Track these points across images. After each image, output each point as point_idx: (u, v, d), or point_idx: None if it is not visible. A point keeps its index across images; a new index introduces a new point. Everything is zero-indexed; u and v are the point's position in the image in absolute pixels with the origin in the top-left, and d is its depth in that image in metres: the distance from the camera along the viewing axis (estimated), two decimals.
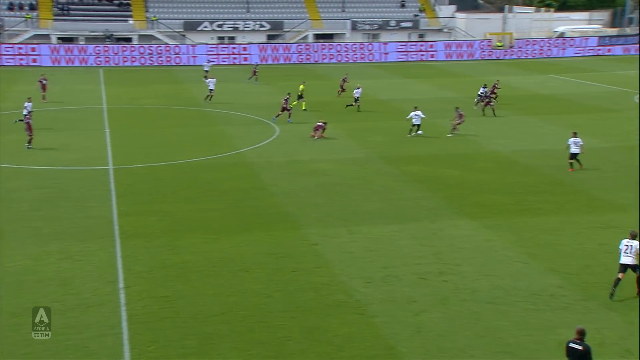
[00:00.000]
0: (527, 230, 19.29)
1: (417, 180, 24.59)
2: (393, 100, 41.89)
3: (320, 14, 77.35)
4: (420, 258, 17.33)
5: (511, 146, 30.13)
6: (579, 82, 52.11)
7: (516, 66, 64.43)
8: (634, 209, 20.96)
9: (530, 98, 43.86)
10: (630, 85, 49.20)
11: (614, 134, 32.19)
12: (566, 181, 24.37)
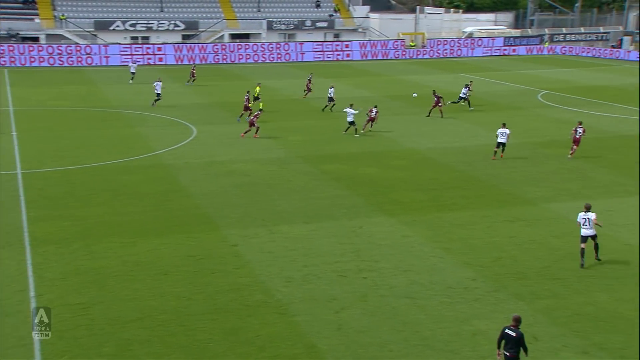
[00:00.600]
0: (442, 225, 19.86)
1: (336, 179, 24.84)
2: (310, 99, 42.11)
3: (236, 14, 76.82)
4: (340, 256, 17.53)
5: (426, 144, 30.94)
6: (487, 81, 54.10)
7: (428, 65, 66.22)
8: (541, 202, 21.98)
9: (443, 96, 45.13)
10: (535, 84, 51.55)
11: (522, 130, 33.61)
12: (478, 177, 25.26)
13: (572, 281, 15.96)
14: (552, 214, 20.92)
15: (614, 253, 17.66)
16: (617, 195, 22.65)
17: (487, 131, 33.68)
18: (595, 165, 26.77)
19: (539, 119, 36.72)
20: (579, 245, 17.11)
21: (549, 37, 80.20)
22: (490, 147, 30.28)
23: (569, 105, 41.16)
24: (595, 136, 32.30)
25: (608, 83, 49.26)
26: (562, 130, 33.70)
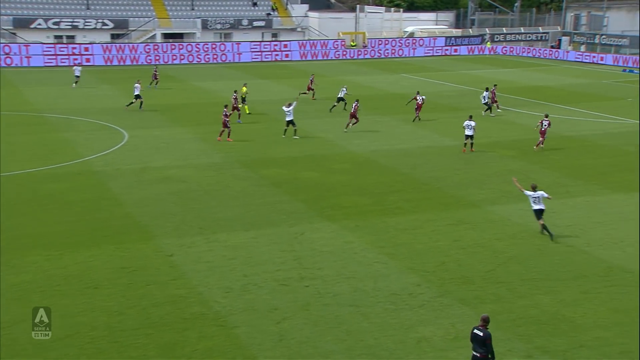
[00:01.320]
0: (385, 230, 20.07)
1: (276, 184, 24.79)
2: (248, 101, 41.92)
3: (168, 12, 75.80)
4: (281, 264, 17.48)
5: (368, 146, 31.24)
6: (430, 82, 55.12)
7: (370, 65, 66.98)
8: (485, 205, 22.49)
9: (384, 97, 45.75)
10: (477, 84, 52.80)
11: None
12: (422, 180, 25.66)
13: (516, 284, 16.39)
14: (496, 216, 21.44)
15: (556, 255, 18.23)
16: (559, 197, 23.39)
17: (430, 133, 34.29)
18: (538, 167, 27.59)
19: (482, 120, 37.60)
20: (537, 223, 19.62)
21: (490, 37, 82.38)
22: (434, 148, 30.85)
23: (510, 106, 42.33)
24: (532, 137, 33.30)
25: (548, 83, 50.96)
26: (504, 131, 34.62)
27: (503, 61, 72.20)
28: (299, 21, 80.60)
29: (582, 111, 40.67)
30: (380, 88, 49.66)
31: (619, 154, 29.88)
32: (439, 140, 32.61)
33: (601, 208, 22.23)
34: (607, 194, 23.89)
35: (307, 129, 34.63)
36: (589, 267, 17.36)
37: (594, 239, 19.35)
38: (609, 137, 33.12)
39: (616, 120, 37.37)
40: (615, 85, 51.00)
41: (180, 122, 36.50)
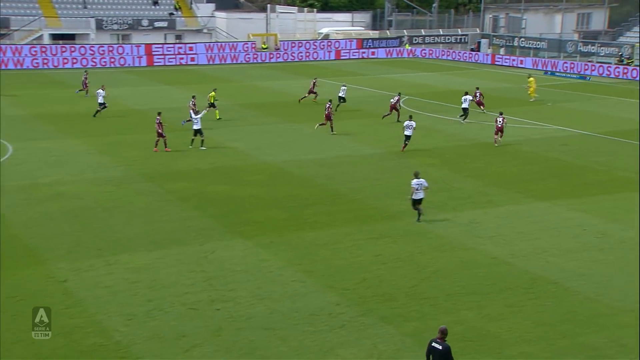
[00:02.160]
0: (303, 246, 20.17)
1: (183, 199, 24.48)
2: (150, 109, 41.24)
3: (57, 11, 73.59)
4: (190, 286, 17.24)
5: (282, 156, 31.35)
6: (347, 87, 55.86)
7: (283, 70, 67.31)
8: (406, 216, 22.98)
9: (299, 104, 46.06)
10: (396, 89, 53.94)
11: (385, 139, 35.04)
12: (341, 191, 25.96)
13: (441, 300, 16.81)
14: (418, 228, 21.94)
15: (479, 267, 18.84)
16: (481, 206, 24.21)
17: (348, 141, 34.76)
18: (459, 175, 28.46)
19: (400, 126, 38.42)
20: (411, 206, 22.58)
21: (409, 39, 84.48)
22: (352, 157, 31.31)
23: (430, 111, 43.52)
24: (458, 144, 34.40)
25: (468, 87, 52.58)
26: (424, 138, 35.52)
27: (422, 64, 74.19)
28: (205, 22, 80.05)
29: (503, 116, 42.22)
30: (294, 94, 49.95)
31: (542, 160, 31.23)
32: (358, 149, 33.10)
33: (524, 217, 23.15)
34: (530, 202, 24.91)
35: (216, 138, 34.41)
36: (514, 279, 18.03)
37: (518, 250, 20.12)
38: (531, 143, 34.57)
39: (537, 126, 39.05)
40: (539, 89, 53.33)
41: (72, 133, 35.47)
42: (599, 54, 69.19)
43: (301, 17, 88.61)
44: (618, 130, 37.93)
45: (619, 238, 21.09)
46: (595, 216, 23.26)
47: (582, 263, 19.16)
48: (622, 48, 66.88)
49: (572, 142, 34.91)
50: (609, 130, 38.10)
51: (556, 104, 47.30)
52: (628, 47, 66.35)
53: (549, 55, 73.73)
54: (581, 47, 71.26)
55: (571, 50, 72.26)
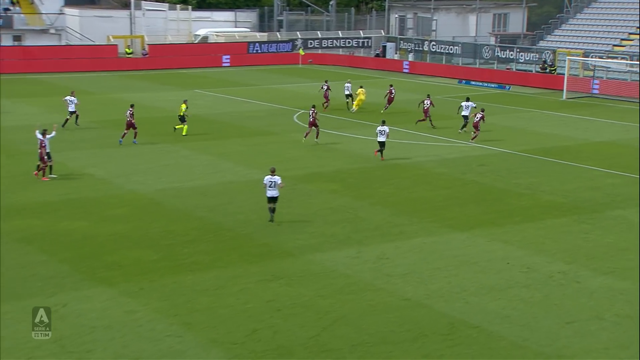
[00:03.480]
0: (180, 292, 19.86)
1: (26, 240, 23.68)
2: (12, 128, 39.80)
3: None
4: (35, 349, 16.59)
5: (153, 184, 30.90)
6: (230, 99, 55.94)
7: (152, 79, 66.60)
8: (304, 253, 23.08)
9: (173, 120, 45.66)
10: (289, 101, 54.47)
11: (278, 162, 35.12)
12: (224, 224, 25.81)
13: (346, 351, 16.92)
14: (318, 267, 22.08)
15: (391, 311, 19.11)
16: (391, 239, 24.65)
17: (233, 165, 34.68)
18: (365, 203, 28.91)
19: (297, 146, 38.79)
20: (266, 206, 25.79)
21: (303, 42, 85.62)
22: (239, 184, 31.26)
23: (331, 128, 44.09)
24: (363, 166, 34.97)
25: (373, 99, 53.86)
26: (323, 159, 35.92)
27: (320, 72, 75.24)
28: (52, 20, 77.98)
29: (414, 133, 43.39)
30: (166, 108, 49.46)
31: (458, 183, 32.21)
32: (245, 174, 33.10)
33: (441, 251, 23.73)
34: (447, 232, 25.59)
35: (70, 164, 33.56)
36: (430, 325, 18.40)
37: (434, 289, 20.57)
38: (445, 164, 35.62)
39: (453, 144, 40.30)
40: (451, 100, 55.16)
41: None
42: (519, 60, 72.42)
43: (173, 16, 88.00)
44: (542, 148, 39.66)
45: (546, 272, 21.94)
46: (520, 247, 24.14)
47: (507, 302, 19.79)
48: (543, 54, 70.22)
49: (491, 162, 36.23)
50: (532, 147, 39.79)
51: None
52: (550, 53, 69.75)
53: (463, 61, 76.52)
54: (499, 52, 74.36)
55: (488, 55, 75.28)
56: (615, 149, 39.94)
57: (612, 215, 27.76)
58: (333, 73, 75.53)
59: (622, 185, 32.19)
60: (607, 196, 30.35)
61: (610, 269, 22.23)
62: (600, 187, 31.82)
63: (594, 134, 44.51)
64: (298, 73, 75.51)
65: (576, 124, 47.45)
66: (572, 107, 53.44)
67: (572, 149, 39.77)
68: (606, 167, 35.33)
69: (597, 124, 48.04)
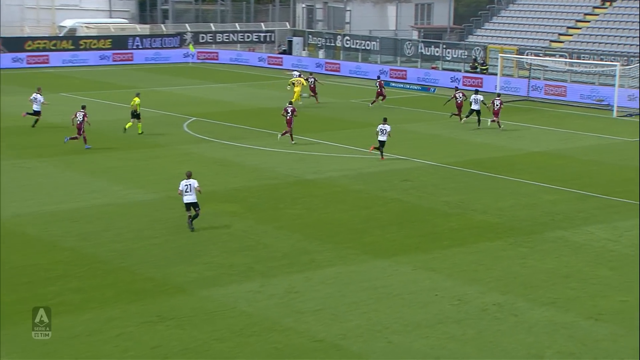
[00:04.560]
0: (43, 341, 19.31)
1: None
2: None
3: None
4: None
5: (9, 208, 30.20)
6: (105, 104, 55.12)
7: (6, 80, 64.84)
8: (198, 288, 22.85)
9: (28, 131, 44.77)
10: (178, 107, 53.96)
11: (159, 179, 34.78)
12: (98, 256, 25.36)
13: None
14: (214, 304, 21.88)
15: (301, 355, 19.02)
16: (301, 269, 24.63)
17: (109, 183, 34.17)
18: (270, 227, 28.85)
19: (190, 160, 38.47)
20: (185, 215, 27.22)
21: (193, 36, 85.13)
22: (116, 207, 30.83)
23: (227, 139, 43.90)
24: (267, 183, 34.92)
25: (280, 104, 53.91)
26: (220, 176, 35.70)
27: (214, 72, 75.05)
28: None
29: (325, 143, 43.59)
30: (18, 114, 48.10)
31: (378, 202, 32.45)
32: (124, 195, 32.64)
33: (358, 282, 23.82)
34: (366, 260, 25.72)
35: None
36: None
37: (351, 328, 20.61)
38: (363, 180, 35.84)
39: (370, 155, 40.64)
40: (365, 104, 55.74)
41: None
42: (445, 57, 73.76)
43: (32, 3, 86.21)
44: (473, 160, 40.32)
45: (480, 305, 22.24)
46: (449, 276, 24.44)
47: (435, 341, 19.99)
48: (473, 50, 71.67)
49: (415, 177, 36.66)
50: (462, 159, 40.41)
51: (395, 125, 49.53)
52: (480, 49, 71.27)
53: (382, 59, 77.41)
54: (423, 48, 75.58)
55: (410, 52, 76.40)
56: (554, 161, 40.90)
57: (552, 237, 28.40)
58: (229, 74, 75.38)
59: (562, 202, 33.01)
60: (546, 215, 31.08)
61: (551, 299, 22.71)
62: (538, 204, 32.57)
63: (530, 143, 45.56)
64: (188, 73, 75.05)
65: (510, 132, 48.44)
66: (506, 112, 54.52)
67: (506, 160, 40.61)
68: (544, 181, 36.13)
69: (533, 132, 49.20)
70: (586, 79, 63.99)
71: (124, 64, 79.11)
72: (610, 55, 64.26)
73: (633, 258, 26.05)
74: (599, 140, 46.52)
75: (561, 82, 63.49)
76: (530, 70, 64.70)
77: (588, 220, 30.37)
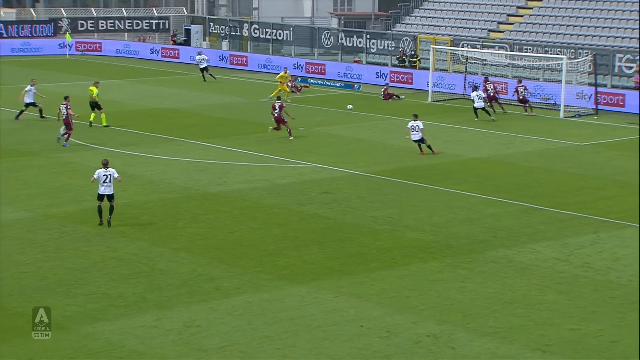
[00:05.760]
0: None
1: None
2: None
3: None
4: None
5: None
6: None
7: None
8: (77, 325, 22.52)
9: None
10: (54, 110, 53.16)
11: (31, 194, 34.25)
12: None
13: None
14: (99, 343, 21.49)
15: None
16: (204, 298, 24.43)
17: None
18: (167, 249, 28.66)
19: (69, 171, 38.07)
20: None
21: (70, 23, 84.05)
22: None
23: (116, 146, 43.45)
24: (164, 197, 34.60)
25: (174, 104, 53.74)
26: None
27: (97, 66, 74.28)
28: None
29: (231, 149, 43.46)
30: None
31: (294, 218, 32.40)
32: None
33: (271, 312, 23.70)
34: (280, 287, 25.62)
35: None
36: None
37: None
38: (277, 192, 35.78)
39: (286, 164, 40.61)
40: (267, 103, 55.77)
41: None
42: (370, 49, 74.11)
43: None
44: (403, 168, 40.66)
45: (412, 337, 22.30)
46: (377, 304, 24.47)
47: None
48: (401, 41, 72.15)
49: (337, 188, 36.78)
50: (390, 167, 40.73)
51: (312, 129, 49.62)
52: (409, 40, 71.80)
53: (297, 51, 77.45)
54: (344, 39, 75.81)
55: (329, 43, 76.57)
56: (495, 168, 41.43)
57: (494, 257, 28.69)
58: (115, 67, 74.66)
59: (504, 216, 33.42)
60: (487, 231, 31.42)
61: (493, 328, 22.90)
62: (478, 219, 32.94)
63: (468, 148, 46.05)
64: (65, 67, 74.13)
65: (446, 135, 48.88)
66: (441, 112, 55.13)
67: (441, 168, 40.98)
68: (484, 192, 36.54)
69: (471, 135, 49.68)
70: (529, 74, 64.69)
71: None
72: (556, 47, 65.02)
73: (584, 280, 26.50)
74: (545, 145, 47.11)
75: (501, 77, 63.99)
76: (467, 65, 65.28)
77: (534, 236, 30.79)
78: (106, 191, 29.28)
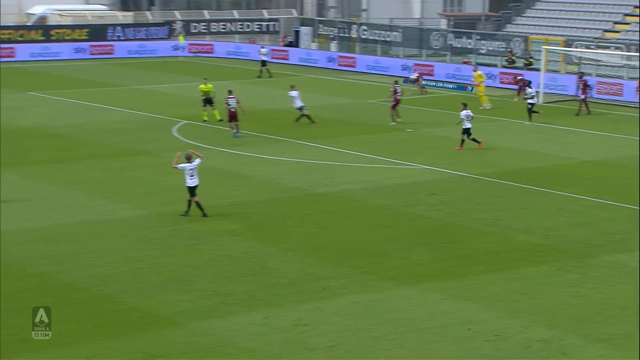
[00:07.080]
0: None
1: None
2: None
3: None
4: None
5: None
6: (82, 105, 55.20)
7: None
8: (189, 320, 22.84)
9: None
10: (167, 109, 53.98)
11: (147, 192, 34.78)
12: (77, 282, 25.30)
13: None
14: (209, 339, 21.76)
15: None
16: (312, 298, 24.50)
17: (87, 196, 34.17)
18: (276, 248, 28.86)
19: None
20: None
21: (184, 26, 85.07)
22: (97, 224, 31.03)
23: (223, 145, 43.88)
24: (273, 197, 34.82)
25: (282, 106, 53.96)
26: (217, 188, 35.66)
27: (209, 68, 74.91)
28: None
29: (339, 150, 43.60)
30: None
31: (402, 220, 32.32)
32: (107, 210, 32.66)
33: (379, 313, 23.50)
34: (388, 287, 25.48)
35: None
36: None
37: None
38: (385, 193, 35.66)
39: (393, 165, 40.58)
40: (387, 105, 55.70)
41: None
42: (479, 50, 73.49)
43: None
44: (512, 170, 40.23)
45: (522, 341, 22.08)
46: (486, 307, 24.31)
47: None
48: (511, 42, 71.34)
49: (445, 190, 36.58)
50: (499, 169, 40.35)
51: (420, 130, 49.48)
52: (520, 41, 70.96)
53: (405, 52, 77.20)
54: (452, 39, 75.35)
55: (438, 45, 76.20)
56: (608, 171, 40.78)
57: (607, 262, 28.25)
58: (224, 69, 75.24)
59: (619, 219, 32.89)
60: (600, 235, 30.96)
61: (607, 335, 22.55)
62: (591, 222, 32.46)
63: (580, 150, 45.43)
64: (178, 69, 75.08)
65: (557, 138, 48.29)
66: (552, 114, 54.42)
67: (552, 171, 40.45)
68: (598, 195, 35.98)
69: (583, 137, 49.04)
70: None
71: (103, 58, 79.17)
72: None
73: None
74: None
75: (617, 78, 62.93)
76: (580, 66, 64.33)
77: None
78: (194, 183, 31.13)
